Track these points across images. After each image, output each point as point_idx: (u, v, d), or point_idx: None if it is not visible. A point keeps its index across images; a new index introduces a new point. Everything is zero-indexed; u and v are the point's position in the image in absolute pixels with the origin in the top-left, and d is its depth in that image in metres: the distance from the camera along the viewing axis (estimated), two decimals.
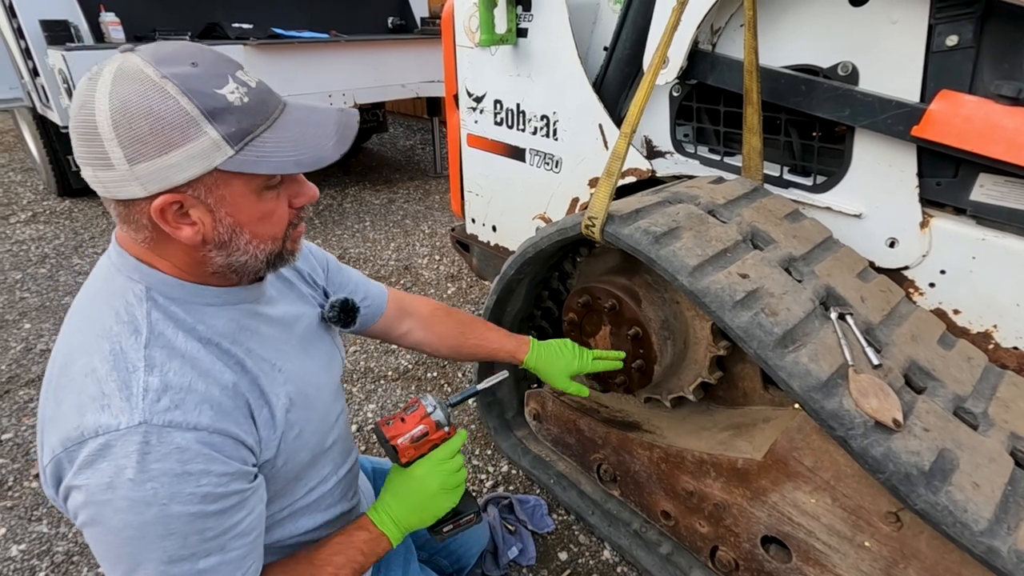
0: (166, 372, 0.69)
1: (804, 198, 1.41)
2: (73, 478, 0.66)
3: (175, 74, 0.63)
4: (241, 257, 0.74)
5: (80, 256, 3.56)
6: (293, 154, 0.69)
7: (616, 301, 1.36)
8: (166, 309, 0.73)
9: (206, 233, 0.70)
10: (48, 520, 1.74)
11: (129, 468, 0.64)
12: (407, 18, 4.88)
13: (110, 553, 0.68)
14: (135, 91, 0.61)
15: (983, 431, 1.01)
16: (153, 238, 0.71)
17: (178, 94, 0.62)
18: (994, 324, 1.21)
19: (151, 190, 0.65)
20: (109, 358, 0.68)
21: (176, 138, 0.63)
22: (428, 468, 0.98)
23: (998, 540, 0.84)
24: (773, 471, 1.17)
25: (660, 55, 1.20)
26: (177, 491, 0.66)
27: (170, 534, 0.67)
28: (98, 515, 0.65)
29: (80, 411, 0.66)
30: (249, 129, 0.67)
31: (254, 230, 0.73)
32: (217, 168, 0.66)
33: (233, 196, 0.69)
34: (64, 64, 3.02)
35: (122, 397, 0.66)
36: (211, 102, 0.64)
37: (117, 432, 0.64)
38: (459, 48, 2.03)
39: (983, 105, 1.08)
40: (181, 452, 0.67)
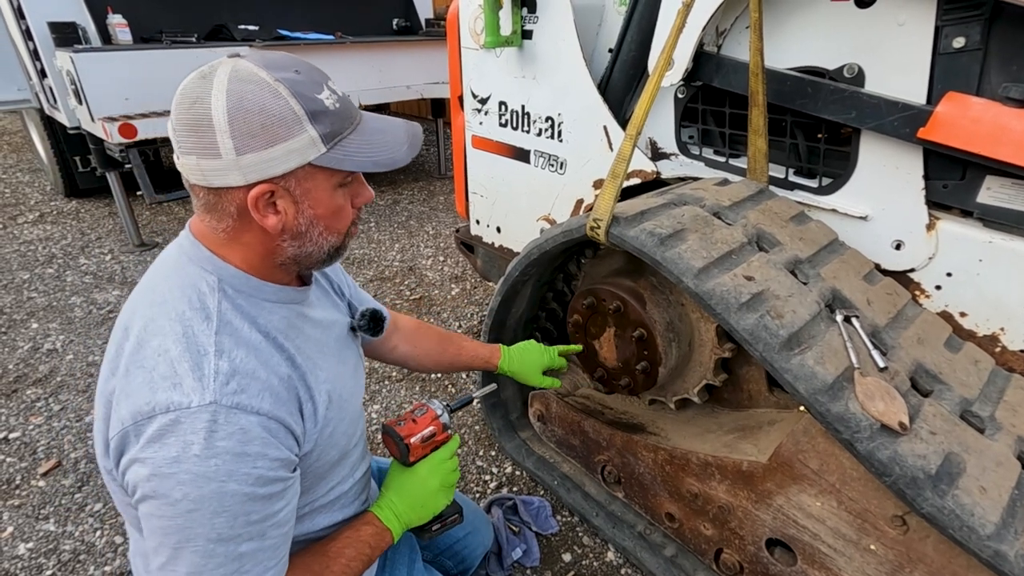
0: (234, 358, 0.75)
1: (810, 200, 1.41)
2: (140, 451, 0.70)
3: (285, 78, 0.71)
4: (310, 248, 0.82)
5: (87, 256, 3.58)
6: (371, 155, 0.78)
7: (621, 303, 1.36)
8: (234, 300, 0.80)
9: (287, 223, 0.78)
10: (55, 519, 1.75)
11: (196, 444, 0.69)
12: (412, 20, 4.89)
13: (163, 526, 0.71)
14: (251, 91, 0.69)
15: (990, 435, 1.00)
16: (233, 227, 0.78)
17: (288, 96, 0.71)
18: (1001, 327, 1.20)
19: (250, 179, 0.72)
20: (182, 340, 0.74)
21: (282, 133, 0.71)
22: (431, 467, 1.05)
23: (1005, 544, 0.83)
24: (778, 474, 1.16)
25: (665, 57, 1.20)
26: (235, 470, 0.71)
27: (223, 512, 0.71)
28: (160, 487, 0.69)
29: (152, 388, 0.71)
30: (339, 131, 0.76)
31: (327, 223, 0.81)
32: (310, 163, 0.74)
33: (316, 190, 0.77)
34: (72, 66, 3.04)
35: (194, 378, 0.71)
36: (313, 105, 0.73)
37: (188, 410, 0.70)
38: (464, 50, 2.04)
39: (991, 107, 1.08)
40: (244, 433, 0.72)
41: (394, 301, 3.08)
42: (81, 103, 3.16)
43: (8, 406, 2.25)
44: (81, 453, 2.00)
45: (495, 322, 1.68)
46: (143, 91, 3.25)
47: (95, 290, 3.17)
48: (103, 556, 1.64)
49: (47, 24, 3.31)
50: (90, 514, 1.77)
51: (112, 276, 3.33)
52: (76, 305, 3.01)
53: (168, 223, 4.13)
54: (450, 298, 3.10)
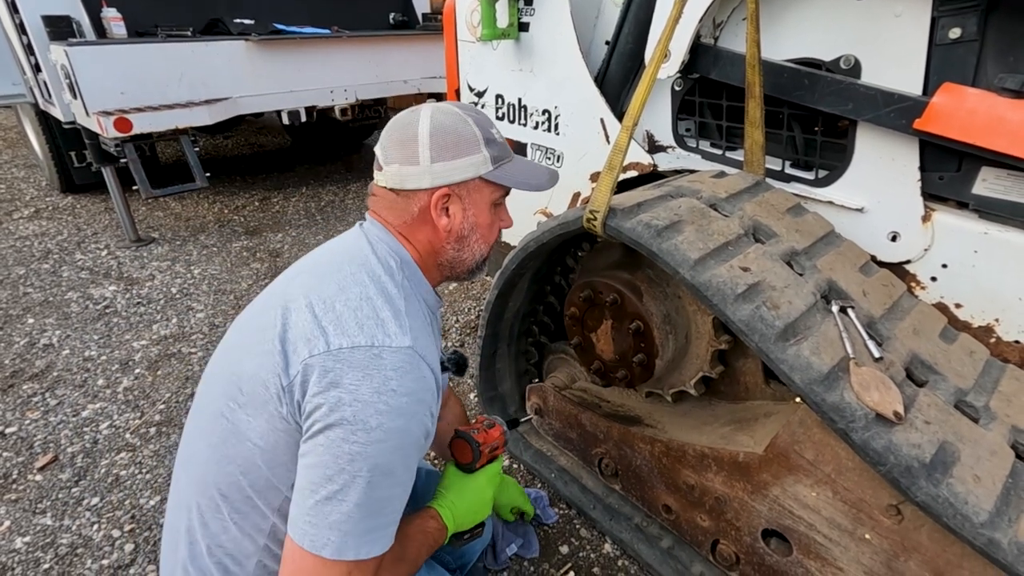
0: (415, 322, 0.89)
1: (806, 192, 1.41)
2: (342, 376, 0.79)
3: (470, 114, 0.97)
4: (465, 253, 1.01)
5: (83, 252, 3.56)
6: (524, 179, 1.01)
7: (618, 295, 1.36)
8: (409, 281, 0.97)
9: (455, 225, 0.98)
10: (52, 513, 1.75)
11: (394, 380, 0.80)
12: (409, 14, 4.87)
13: (351, 452, 0.78)
14: (449, 119, 0.94)
15: (984, 424, 1.01)
16: (411, 223, 0.97)
17: (473, 124, 0.96)
18: (996, 318, 1.21)
19: (436, 183, 0.93)
20: (381, 295, 0.88)
21: (465, 150, 0.94)
22: (489, 477, 1.16)
23: (999, 532, 0.84)
24: (774, 465, 1.17)
25: (662, 48, 1.20)
26: (417, 411, 0.83)
27: (400, 448, 0.80)
28: (358, 414, 0.77)
29: (359, 324, 0.83)
30: (502, 156, 0.99)
31: (482, 233, 1.01)
32: (480, 176, 0.96)
33: (480, 202, 0.99)
34: (67, 59, 3.02)
35: (396, 324, 0.85)
36: (487, 134, 0.97)
37: (390, 348, 0.82)
38: (461, 43, 2.03)
39: (986, 98, 1.08)
40: (425, 381, 0.85)
41: None
42: (76, 97, 3.14)
43: (4, 401, 2.24)
44: (77, 448, 2.00)
45: (492, 316, 1.68)
46: (138, 85, 3.23)
47: (91, 285, 3.16)
48: (100, 550, 1.64)
49: (41, 18, 3.28)
50: (87, 508, 1.77)
51: (108, 271, 3.32)
52: (72, 300, 3.00)
53: (165, 218, 4.11)
54: (447, 293, 3.10)
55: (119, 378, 2.38)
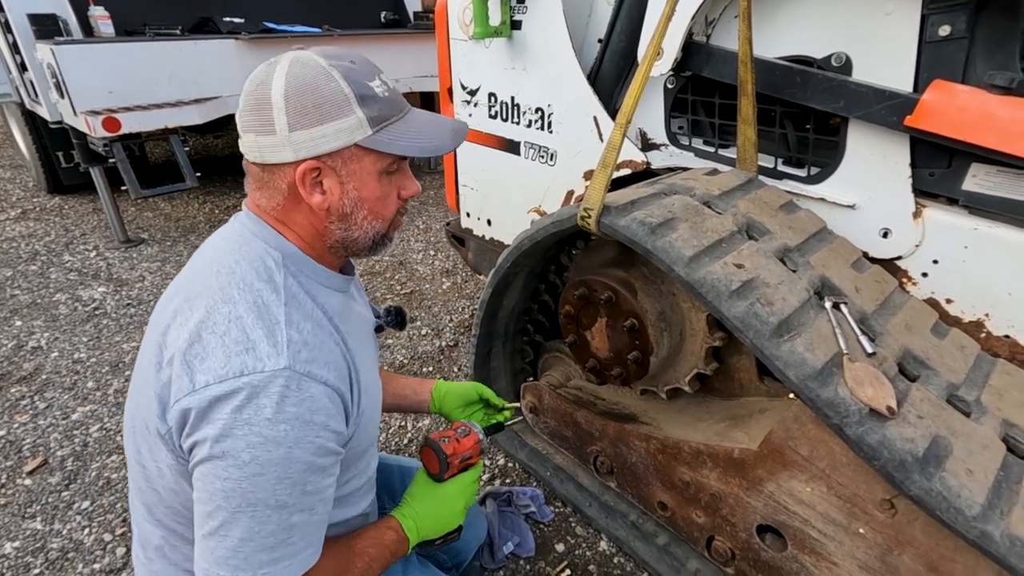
0: (302, 329, 0.79)
1: (798, 189, 1.42)
2: (211, 412, 0.72)
3: (340, 65, 0.78)
4: (355, 232, 0.85)
5: (71, 253, 3.52)
6: (416, 142, 0.82)
7: (612, 293, 1.37)
8: (296, 277, 0.84)
9: (332, 202, 0.82)
10: (42, 517, 1.73)
11: (268, 408, 0.72)
12: (400, 13, 4.85)
13: (227, 488, 0.72)
14: (308, 73, 0.76)
15: (976, 418, 1.02)
16: (284, 206, 0.83)
17: (340, 79, 0.76)
18: (986, 313, 1.22)
19: (300, 155, 0.77)
20: (253, 309, 0.77)
21: (332, 113, 0.76)
22: (460, 487, 1.07)
23: (991, 525, 0.85)
24: (769, 461, 1.17)
25: (654, 45, 1.20)
26: (302, 437, 0.74)
27: (285, 478, 0.73)
28: (231, 448, 0.71)
29: (226, 352, 0.74)
30: (386, 116, 0.80)
31: (371, 208, 0.85)
32: (356, 144, 0.79)
33: (361, 173, 0.82)
34: (53, 58, 2.98)
35: (268, 343, 0.75)
36: (363, 90, 0.78)
37: (262, 374, 0.72)
38: (453, 41, 2.02)
39: (976, 95, 1.09)
40: (312, 401, 0.75)
41: (385, 296, 3.07)
42: (63, 97, 3.11)
43: None
44: (68, 451, 1.98)
45: (487, 314, 1.68)
46: (127, 84, 3.20)
47: (80, 287, 3.12)
48: (92, 554, 1.62)
49: (27, 16, 3.24)
50: (78, 512, 1.75)
51: (97, 273, 3.28)
52: (61, 302, 2.97)
53: (154, 219, 4.07)
54: (441, 292, 3.09)
55: (109, 380, 2.36)
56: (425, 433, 1.13)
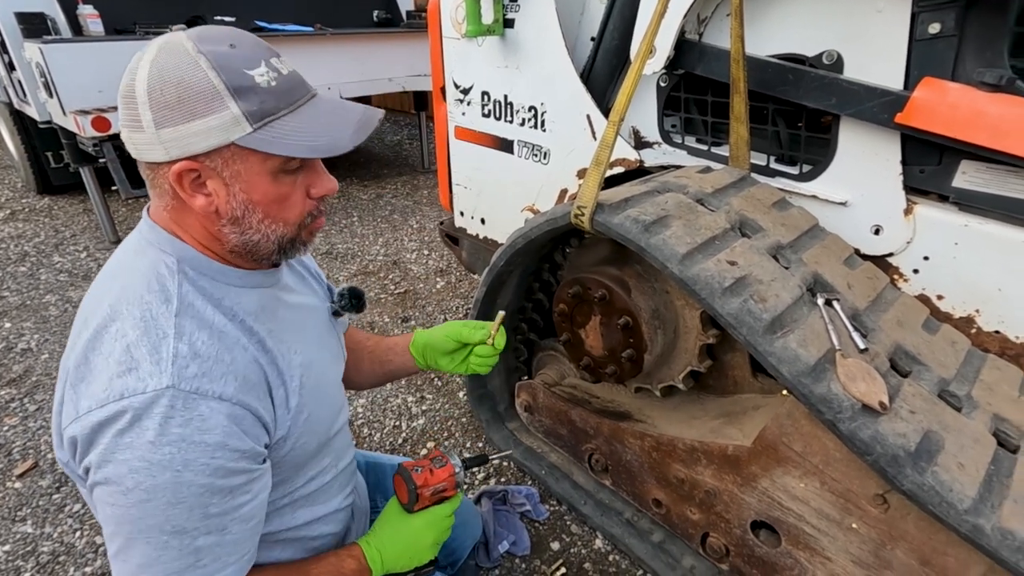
0: (195, 341, 0.72)
1: (791, 187, 1.42)
2: (94, 437, 0.67)
3: (211, 51, 0.67)
4: (254, 236, 0.77)
5: (61, 254, 3.49)
6: (308, 140, 0.72)
7: (606, 291, 1.37)
8: (195, 282, 0.76)
9: (219, 206, 0.73)
10: (33, 520, 1.71)
11: (151, 430, 0.66)
12: (393, 12, 4.84)
13: (116, 514, 0.69)
14: (172, 63, 0.67)
15: (967, 413, 1.02)
16: (175, 206, 0.75)
17: (208, 68, 0.67)
18: (976, 309, 1.23)
19: (172, 155, 0.69)
20: (140, 324, 0.71)
21: (200, 108, 0.67)
22: (429, 521, 1.00)
23: (983, 518, 0.85)
24: (763, 457, 1.18)
25: (647, 43, 1.20)
26: (193, 459, 0.68)
27: (178, 503, 0.68)
28: (114, 474, 0.67)
29: (108, 374, 0.68)
30: (270, 111, 0.70)
31: (267, 211, 0.76)
32: (234, 143, 0.69)
33: (248, 173, 0.72)
34: (41, 57, 2.95)
35: (151, 361, 0.68)
36: (238, 80, 0.68)
37: (144, 395, 0.67)
38: (445, 39, 2.02)
39: (966, 92, 1.10)
40: (203, 420, 0.69)
41: (379, 295, 3.06)
42: (52, 96, 3.07)
43: None
44: None
45: (481, 313, 1.67)
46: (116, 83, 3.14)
47: (70, 288, 3.09)
48: (83, 557, 1.60)
49: (14, 15, 3.20)
50: (69, 515, 1.73)
51: (88, 274, 3.25)
52: (51, 304, 2.94)
53: None
54: (435, 291, 3.08)
55: None
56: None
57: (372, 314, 2.87)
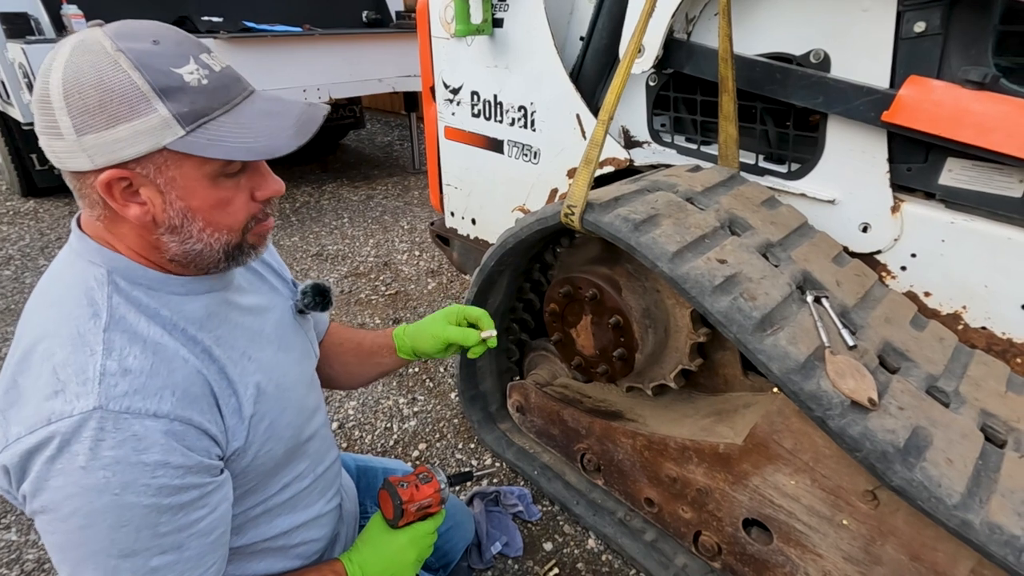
0: (125, 356, 0.67)
1: (780, 185, 1.43)
2: (25, 465, 0.64)
3: (131, 48, 0.62)
4: (196, 245, 0.72)
5: (46, 257, 3.44)
6: (247, 141, 0.67)
7: (597, 290, 1.36)
8: (128, 294, 0.72)
9: (156, 215, 0.69)
10: (17, 528, 1.68)
11: (81, 455, 0.62)
12: (382, 12, 4.82)
13: (59, 542, 0.66)
14: (88, 62, 0.62)
15: (955, 408, 1.03)
16: (107, 215, 0.70)
17: (130, 68, 0.62)
18: (963, 305, 1.24)
19: (98, 163, 0.64)
20: (67, 343, 0.67)
21: (124, 112, 0.62)
22: (413, 538, 0.98)
23: (971, 513, 0.86)
24: (754, 455, 1.18)
25: (635, 42, 1.20)
26: (131, 481, 0.64)
27: (122, 526, 0.65)
28: (49, 502, 0.64)
29: (36, 397, 0.65)
30: (203, 111, 0.66)
31: (208, 217, 0.71)
32: (166, 148, 0.64)
33: (184, 179, 0.68)
34: (24, 58, 2.91)
35: (78, 382, 0.64)
36: (165, 80, 0.63)
37: (71, 418, 0.63)
38: (435, 39, 2.01)
39: (951, 90, 1.11)
40: (137, 440, 0.65)
41: (370, 297, 3.04)
42: None
43: None
44: None
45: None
46: None
47: None
48: None
49: None
50: None
51: None
52: None
53: None
54: (426, 292, 3.07)
55: None
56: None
57: (363, 315, 2.86)
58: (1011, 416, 1.04)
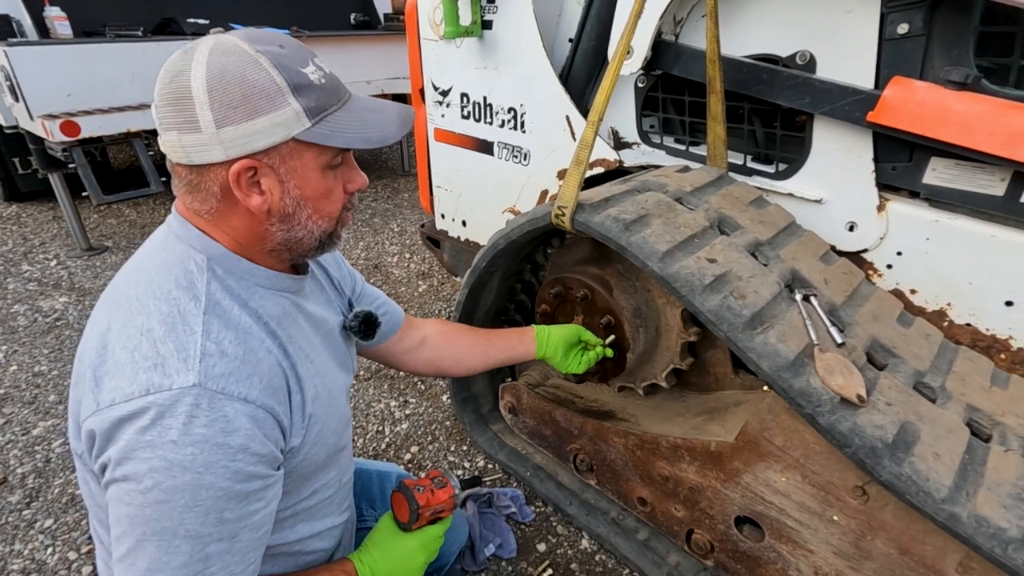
0: (222, 340, 0.71)
1: (768, 185, 1.44)
2: (116, 432, 0.66)
3: (268, 51, 0.70)
4: (300, 232, 0.79)
5: (30, 263, 3.39)
6: (361, 132, 0.75)
7: (588, 291, 1.37)
8: (223, 282, 0.77)
9: (273, 203, 0.75)
10: (2, 537, 1.65)
11: (174, 429, 0.65)
12: (370, 14, 4.81)
13: (130, 514, 0.67)
14: (232, 62, 0.68)
15: (941, 404, 1.05)
16: (218, 209, 0.75)
17: (270, 67, 0.69)
18: (948, 302, 1.26)
19: (231, 154, 0.70)
20: (168, 320, 0.70)
21: (264, 105, 0.69)
22: (423, 541, 1.00)
23: (958, 506, 0.87)
24: (745, 452, 1.19)
25: (624, 44, 1.21)
26: (214, 461, 0.67)
27: (195, 506, 0.67)
28: (133, 472, 0.65)
29: (134, 368, 0.67)
30: (325, 106, 0.73)
31: (316, 205, 0.78)
32: (294, 138, 0.72)
33: (303, 169, 0.75)
34: (6, 60, 2.87)
35: (179, 358, 0.68)
36: (297, 77, 0.71)
37: (169, 392, 0.66)
38: (424, 41, 2.01)
39: (933, 90, 1.13)
40: (227, 422, 0.68)
41: None
42: (18, 100, 2.99)
43: None
44: (28, 468, 1.90)
45: (463, 314, 1.66)
46: (86, 87, 3.09)
47: (40, 297, 3.00)
48: (56, 574, 1.55)
49: None
50: (40, 531, 1.68)
51: (59, 282, 3.17)
52: (19, 314, 2.85)
53: (118, 226, 3.95)
54: (417, 295, 3.06)
55: None
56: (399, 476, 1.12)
57: None
58: (996, 410, 1.06)
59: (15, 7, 3.27)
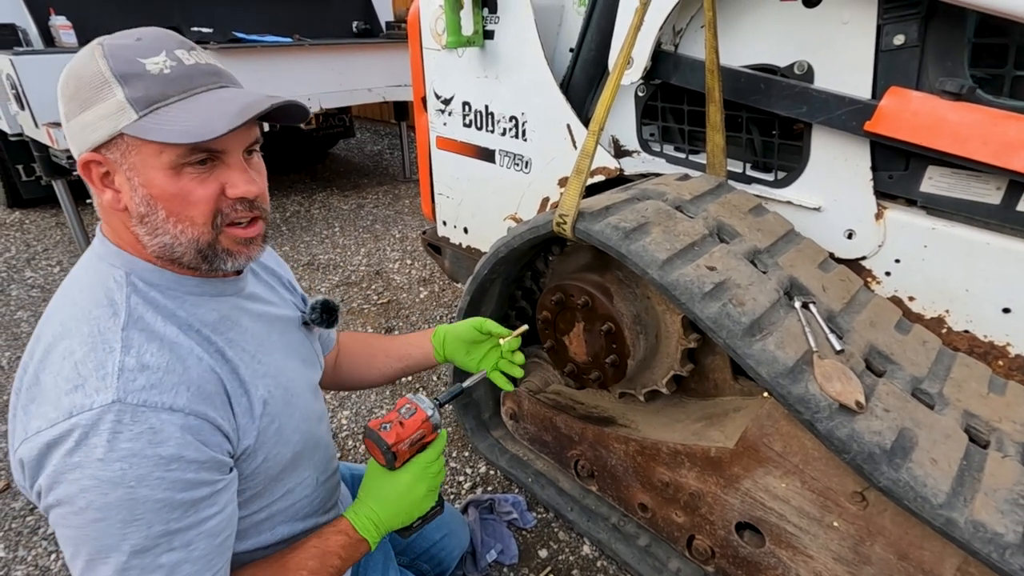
0: (143, 353, 0.70)
1: (766, 193, 1.46)
2: (44, 459, 0.66)
3: (111, 43, 0.69)
4: (164, 237, 0.74)
5: (33, 269, 3.41)
6: (185, 126, 0.68)
7: (589, 298, 1.38)
8: (146, 295, 0.75)
9: (126, 202, 0.72)
10: (5, 543, 1.66)
11: (99, 447, 0.64)
12: (372, 22, 4.84)
13: (73, 536, 0.67)
14: (78, 57, 0.70)
15: (939, 410, 1.06)
16: (101, 207, 0.76)
17: (100, 57, 0.68)
18: (946, 309, 1.27)
19: (80, 149, 0.71)
20: (88, 340, 0.69)
21: (91, 97, 0.68)
22: (417, 472, 0.97)
23: (956, 512, 0.88)
24: (745, 458, 1.20)
25: (624, 55, 1.23)
26: (146, 474, 0.66)
27: (134, 520, 0.66)
28: (64, 495, 0.65)
29: (57, 392, 0.67)
30: (157, 98, 0.68)
31: (170, 207, 0.72)
32: (123, 132, 0.68)
33: (144, 166, 0.70)
34: (12, 69, 2.89)
35: (97, 377, 0.67)
36: (125, 67, 0.68)
37: (91, 411, 0.65)
38: (426, 50, 2.03)
39: (929, 101, 1.14)
40: (154, 433, 0.67)
41: (361, 306, 3.04)
42: (24, 108, 3.02)
43: None
44: None
45: None
46: None
47: (43, 304, 3.02)
48: None
49: None
50: (43, 537, 1.68)
51: None
52: (23, 320, 2.87)
53: None
54: (418, 301, 3.07)
55: None
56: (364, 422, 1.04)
57: (355, 324, 2.85)
58: (993, 417, 1.07)
59: (21, 16, 3.31)
